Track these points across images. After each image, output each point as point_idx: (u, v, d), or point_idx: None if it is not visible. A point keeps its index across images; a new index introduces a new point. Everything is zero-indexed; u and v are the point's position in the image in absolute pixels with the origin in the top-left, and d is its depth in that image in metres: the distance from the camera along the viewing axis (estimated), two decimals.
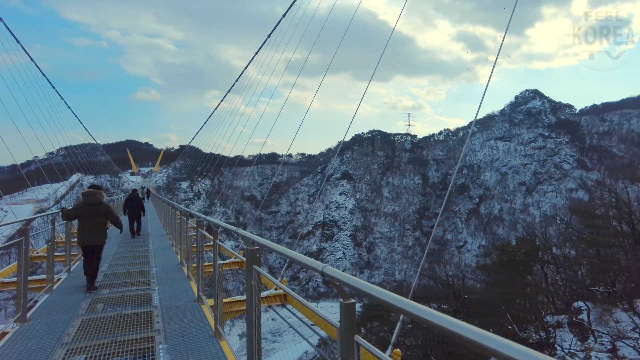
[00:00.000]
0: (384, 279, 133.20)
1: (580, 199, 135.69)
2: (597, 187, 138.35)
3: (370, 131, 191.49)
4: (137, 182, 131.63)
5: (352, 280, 2.18)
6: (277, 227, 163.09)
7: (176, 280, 10.29)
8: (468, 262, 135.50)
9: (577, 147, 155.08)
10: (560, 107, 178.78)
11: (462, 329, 1.44)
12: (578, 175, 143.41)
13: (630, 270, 29.18)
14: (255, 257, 4.22)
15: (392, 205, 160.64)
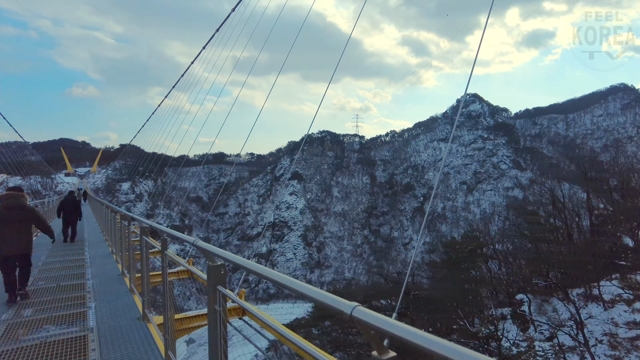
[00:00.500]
0: (334, 278, 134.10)
1: (515, 196, 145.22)
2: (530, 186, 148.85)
3: (320, 132, 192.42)
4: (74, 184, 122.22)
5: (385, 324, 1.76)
6: (225, 229, 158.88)
7: (117, 294, 8.99)
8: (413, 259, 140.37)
9: (513, 149, 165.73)
10: (498, 110, 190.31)
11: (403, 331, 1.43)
12: (514, 174, 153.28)
13: (565, 263, 31.19)
14: (219, 275, 3.46)
15: (341, 204, 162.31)
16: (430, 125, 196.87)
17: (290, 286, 2.15)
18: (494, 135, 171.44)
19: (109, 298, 8.68)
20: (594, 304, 26.72)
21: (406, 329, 1.58)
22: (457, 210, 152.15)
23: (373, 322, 1.74)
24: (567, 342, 23.79)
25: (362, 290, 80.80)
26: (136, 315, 7.37)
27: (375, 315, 1.76)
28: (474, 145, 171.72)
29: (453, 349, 1.33)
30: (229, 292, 3.37)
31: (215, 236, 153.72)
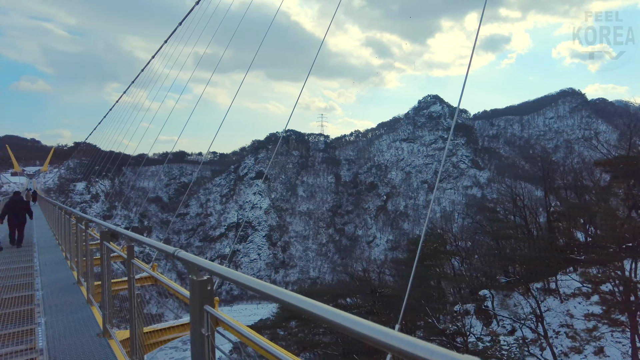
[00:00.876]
0: (299, 277, 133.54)
1: (474, 195, 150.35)
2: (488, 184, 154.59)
3: (285, 131, 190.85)
4: (21, 184, 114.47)
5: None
6: (187, 230, 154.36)
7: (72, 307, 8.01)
8: (377, 256, 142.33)
9: (472, 149, 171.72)
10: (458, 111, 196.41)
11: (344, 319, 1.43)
12: (472, 174, 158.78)
13: (525, 258, 32.17)
14: (206, 293, 2.83)
15: (306, 204, 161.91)
16: (392, 125, 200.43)
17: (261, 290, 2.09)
18: (454, 136, 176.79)
19: (63, 311, 7.69)
20: (551, 297, 27.78)
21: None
22: (418, 209, 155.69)
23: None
24: (529, 334, 24.52)
25: (328, 289, 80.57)
26: (96, 331, 6.49)
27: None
28: (434, 145, 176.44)
29: None
30: (221, 313, 2.76)
31: (176, 238, 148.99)
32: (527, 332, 24.98)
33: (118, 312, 7.92)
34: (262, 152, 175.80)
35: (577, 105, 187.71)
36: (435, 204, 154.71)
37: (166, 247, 3.35)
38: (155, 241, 3.72)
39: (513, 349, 22.53)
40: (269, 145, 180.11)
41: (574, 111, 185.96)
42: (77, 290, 9.42)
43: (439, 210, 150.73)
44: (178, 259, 3.07)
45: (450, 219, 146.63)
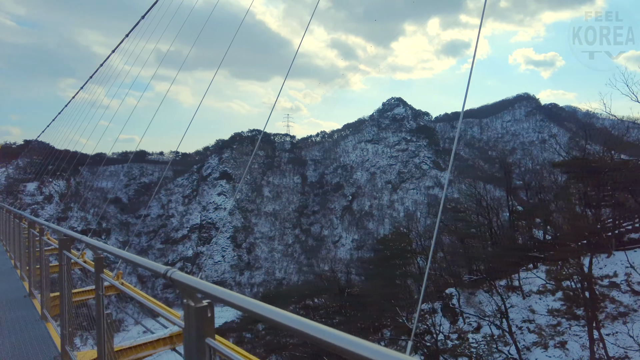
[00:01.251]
0: (264, 279, 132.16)
1: (436, 195, 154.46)
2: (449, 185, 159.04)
3: (250, 130, 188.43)
4: None
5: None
6: (147, 232, 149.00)
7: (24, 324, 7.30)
8: (343, 256, 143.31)
9: (433, 150, 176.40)
10: (420, 114, 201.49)
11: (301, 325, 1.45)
12: (434, 174, 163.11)
13: (489, 256, 32.99)
14: (206, 320, 2.35)
15: (272, 204, 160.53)
16: (358, 126, 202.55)
17: None
18: (417, 138, 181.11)
19: (13, 330, 6.98)
20: (514, 294, 28.69)
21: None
22: (382, 208, 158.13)
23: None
24: (495, 331, 25.09)
25: (296, 289, 79.84)
26: (52, 353, 5.81)
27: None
28: (398, 146, 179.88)
29: None
30: (224, 346, 2.29)
31: (136, 240, 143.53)
32: (492, 329, 25.42)
33: (79, 327, 6.73)
34: (227, 151, 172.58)
35: (532, 110, 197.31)
36: (399, 203, 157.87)
37: (156, 265, 2.89)
38: (143, 259, 3.15)
39: (482, 347, 22.99)
40: (233, 144, 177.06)
41: (529, 115, 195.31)
42: (29, 304, 8.65)
43: (402, 210, 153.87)
44: (171, 281, 2.56)
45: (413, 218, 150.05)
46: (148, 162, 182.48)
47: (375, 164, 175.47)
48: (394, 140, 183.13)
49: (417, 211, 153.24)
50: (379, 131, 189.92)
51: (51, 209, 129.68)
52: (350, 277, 62.95)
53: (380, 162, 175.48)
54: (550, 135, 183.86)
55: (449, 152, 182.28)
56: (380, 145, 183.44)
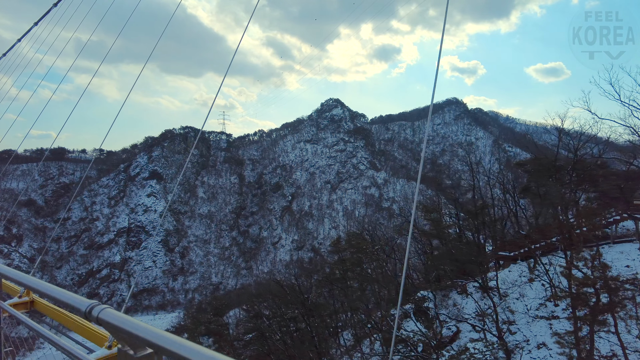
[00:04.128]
0: (200, 284, 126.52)
1: (372, 194, 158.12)
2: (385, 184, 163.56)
3: (182, 127, 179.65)
4: None
5: None
6: (68, 237, 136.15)
7: None
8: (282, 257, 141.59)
9: (370, 151, 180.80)
10: (357, 115, 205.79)
11: None
12: (371, 174, 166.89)
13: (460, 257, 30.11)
14: None
15: (207, 206, 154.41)
16: (296, 126, 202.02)
17: None
18: (354, 139, 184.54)
19: None
20: (490, 294, 24.87)
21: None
22: (322, 208, 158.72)
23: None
24: (474, 335, 22.25)
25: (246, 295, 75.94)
26: None
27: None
28: (336, 147, 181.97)
29: None
30: None
31: (54, 246, 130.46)
32: (472, 332, 22.78)
33: None
34: (157, 149, 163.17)
35: (460, 114, 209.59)
36: (338, 203, 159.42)
37: (77, 299, 2.08)
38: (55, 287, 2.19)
39: (487, 357, 19.43)
40: (164, 142, 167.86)
41: (457, 119, 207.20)
42: None
43: (342, 209, 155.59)
44: (98, 322, 1.91)
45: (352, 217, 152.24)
46: (68, 161, 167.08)
47: (314, 164, 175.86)
48: (332, 141, 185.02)
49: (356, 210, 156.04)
50: (318, 131, 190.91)
51: None
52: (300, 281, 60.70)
53: (319, 162, 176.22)
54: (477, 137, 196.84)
55: (384, 153, 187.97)
56: (319, 145, 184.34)
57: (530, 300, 22.81)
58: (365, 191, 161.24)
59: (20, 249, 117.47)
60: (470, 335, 21.39)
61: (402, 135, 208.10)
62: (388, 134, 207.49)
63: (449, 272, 26.99)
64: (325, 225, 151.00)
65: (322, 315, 29.32)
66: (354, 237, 38.51)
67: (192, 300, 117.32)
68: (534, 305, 21.81)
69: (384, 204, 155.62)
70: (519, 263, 26.66)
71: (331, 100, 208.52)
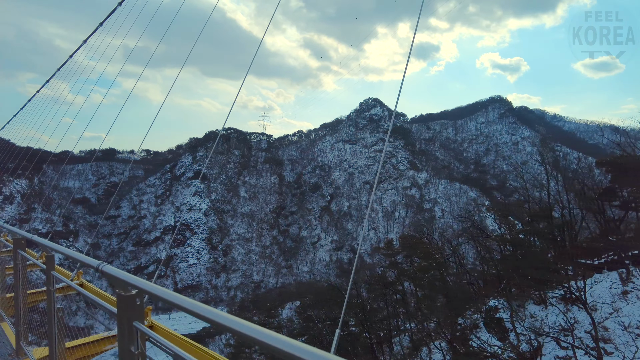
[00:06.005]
0: (241, 282, 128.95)
1: (413, 195, 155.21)
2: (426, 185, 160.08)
3: (225, 129, 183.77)
4: None
5: None
6: (118, 234, 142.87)
7: None
8: (322, 257, 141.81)
9: (410, 151, 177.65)
10: (396, 115, 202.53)
11: None
12: (411, 175, 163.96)
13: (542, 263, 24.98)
14: (134, 308, 2.68)
15: (249, 205, 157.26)
16: (335, 127, 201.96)
17: None
18: (393, 138, 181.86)
19: None
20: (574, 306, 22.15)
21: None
22: (361, 209, 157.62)
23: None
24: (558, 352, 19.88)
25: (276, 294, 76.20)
26: (7, 351, 5.58)
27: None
28: (375, 147, 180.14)
29: None
30: (151, 330, 2.59)
31: (106, 242, 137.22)
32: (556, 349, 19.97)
33: (37, 327, 6.20)
34: (201, 150, 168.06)
35: (504, 112, 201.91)
36: (377, 203, 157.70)
37: (89, 259, 3.10)
38: (76, 252, 3.34)
39: None
40: (207, 143, 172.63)
41: (501, 117, 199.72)
42: None
43: (381, 210, 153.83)
44: (102, 274, 2.85)
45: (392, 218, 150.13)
46: (117, 161, 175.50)
47: (353, 164, 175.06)
48: (371, 141, 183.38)
49: (396, 211, 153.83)
50: (357, 131, 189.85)
51: (12, 209, 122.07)
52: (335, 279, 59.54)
53: (358, 163, 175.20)
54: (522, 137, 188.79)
55: (425, 153, 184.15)
56: (357, 145, 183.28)
57: (627, 316, 19.80)
58: (405, 192, 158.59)
59: (76, 244, 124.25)
60: (555, 352, 19.19)
61: (443, 135, 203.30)
62: (429, 134, 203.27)
63: (524, 280, 24.33)
64: (365, 226, 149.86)
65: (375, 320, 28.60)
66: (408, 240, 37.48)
67: (234, 298, 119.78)
68: (634, 322, 18.75)
69: (425, 205, 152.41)
70: (604, 272, 24.00)
71: (370, 99, 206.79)
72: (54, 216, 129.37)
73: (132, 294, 2.53)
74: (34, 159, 74.74)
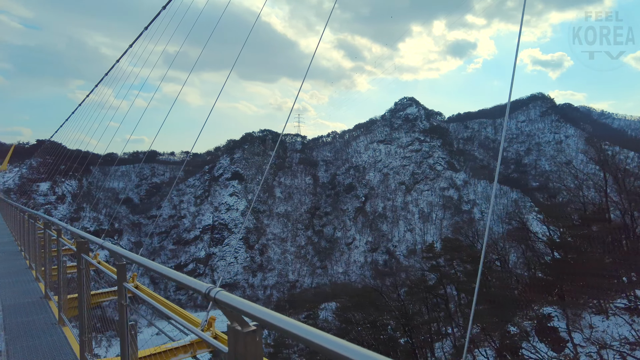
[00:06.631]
0: (277, 281, 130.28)
1: (451, 196, 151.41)
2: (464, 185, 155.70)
3: (261, 130, 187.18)
4: None
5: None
6: (159, 233, 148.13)
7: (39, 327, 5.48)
8: (357, 258, 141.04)
9: (447, 151, 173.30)
10: (432, 114, 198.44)
11: None
12: (449, 175, 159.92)
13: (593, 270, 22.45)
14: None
15: (284, 205, 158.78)
16: (369, 127, 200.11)
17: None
18: (430, 138, 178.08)
19: (29, 333, 5.11)
20: None
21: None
22: (396, 210, 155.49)
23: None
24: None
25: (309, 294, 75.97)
26: None
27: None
28: (411, 147, 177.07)
29: None
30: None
31: (148, 240, 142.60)
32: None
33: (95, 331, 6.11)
34: (238, 152, 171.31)
35: (546, 110, 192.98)
36: (413, 205, 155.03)
37: (196, 283, 2.55)
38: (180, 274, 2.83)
39: None
40: (244, 145, 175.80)
41: (543, 115, 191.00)
42: (45, 307, 7.01)
43: (417, 211, 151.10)
44: (215, 302, 2.31)
45: (428, 219, 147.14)
46: (159, 163, 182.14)
47: (388, 165, 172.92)
48: (406, 141, 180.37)
49: (433, 213, 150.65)
50: (392, 131, 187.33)
51: (64, 209, 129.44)
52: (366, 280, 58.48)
53: (393, 163, 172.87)
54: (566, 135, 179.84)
55: (463, 153, 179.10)
56: (392, 145, 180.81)
57: None
58: (442, 193, 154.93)
59: (121, 242, 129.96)
60: None
61: (482, 134, 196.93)
62: (467, 133, 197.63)
63: (579, 287, 22.44)
64: (400, 228, 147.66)
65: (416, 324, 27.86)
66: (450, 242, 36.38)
67: (270, 297, 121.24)
68: None
69: (464, 206, 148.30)
70: None
71: (405, 99, 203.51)
72: (100, 215, 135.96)
73: (252, 330, 2.16)
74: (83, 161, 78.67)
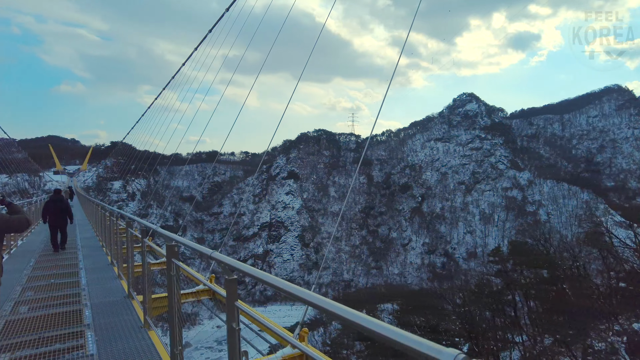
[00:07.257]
0: (332, 279, 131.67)
1: (514, 197, 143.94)
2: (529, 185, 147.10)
3: (315, 130, 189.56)
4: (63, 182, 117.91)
5: None
6: (220, 229, 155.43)
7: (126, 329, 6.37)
8: (413, 260, 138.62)
9: (510, 149, 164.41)
10: (494, 110, 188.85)
11: None
12: (512, 175, 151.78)
13: None
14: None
15: (338, 204, 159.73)
16: (425, 124, 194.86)
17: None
18: (491, 135, 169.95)
19: (117, 335, 6.04)
20: None
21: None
22: (455, 211, 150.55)
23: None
24: None
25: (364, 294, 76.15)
26: None
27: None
28: (471, 145, 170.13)
29: None
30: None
31: (210, 237, 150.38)
32: None
33: None
34: (294, 151, 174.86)
35: (624, 103, 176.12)
36: (474, 205, 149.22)
37: (204, 249, 3.99)
38: (196, 244, 4.62)
39: None
40: (300, 144, 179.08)
41: (620, 109, 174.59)
42: (129, 307, 7.87)
43: (478, 212, 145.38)
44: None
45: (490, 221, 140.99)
46: (220, 162, 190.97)
47: (446, 164, 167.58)
48: (466, 138, 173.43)
49: (495, 214, 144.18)
50: (450, 129, 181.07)
51: (134, 205, 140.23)
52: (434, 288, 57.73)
53: (451, 162, 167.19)
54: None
55: (527, 151, 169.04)
56: (451, 143, 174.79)
57: None
58: (505, 193, 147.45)
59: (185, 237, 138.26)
60: None
61: (548, 131, 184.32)
62: (532, 130, 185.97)
63: None
64: (460, 230, 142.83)
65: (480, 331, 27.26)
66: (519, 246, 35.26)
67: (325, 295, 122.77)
68: None
69: (528, 207, 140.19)
70: None
71: (464, 95, 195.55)
72: (166, 212, 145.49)
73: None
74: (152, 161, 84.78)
